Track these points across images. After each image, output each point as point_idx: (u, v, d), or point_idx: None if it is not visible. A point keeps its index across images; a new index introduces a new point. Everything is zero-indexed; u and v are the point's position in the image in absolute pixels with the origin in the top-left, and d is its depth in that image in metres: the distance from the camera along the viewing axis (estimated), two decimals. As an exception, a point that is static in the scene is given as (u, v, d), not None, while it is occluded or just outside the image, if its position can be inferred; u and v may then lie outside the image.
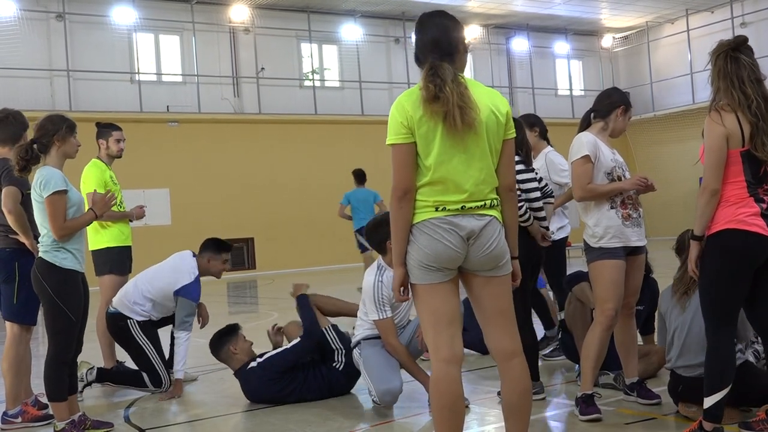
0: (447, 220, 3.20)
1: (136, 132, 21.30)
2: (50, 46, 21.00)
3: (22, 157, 4.66)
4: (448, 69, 3.22)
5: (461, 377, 3.27)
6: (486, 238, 3.23)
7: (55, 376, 4.66)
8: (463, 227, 3.20)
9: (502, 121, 3.29)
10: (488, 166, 3.25)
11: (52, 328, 4.68)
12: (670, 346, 4.59)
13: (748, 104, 3.76)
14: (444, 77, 3.17)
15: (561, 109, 29.02)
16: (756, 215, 3.76)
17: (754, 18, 26.09)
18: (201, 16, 23.00)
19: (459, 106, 3.13)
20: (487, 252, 3.24)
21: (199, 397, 6.02)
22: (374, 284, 5.24)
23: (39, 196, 4.63)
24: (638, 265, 4.79)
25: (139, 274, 6.36)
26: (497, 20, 27.38)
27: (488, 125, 3.24)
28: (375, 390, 5.07)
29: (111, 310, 6.21)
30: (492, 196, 3.28)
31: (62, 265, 4.64)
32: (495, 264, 3.28)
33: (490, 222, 3.24)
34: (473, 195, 3.21)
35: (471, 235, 3.21)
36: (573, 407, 4.69)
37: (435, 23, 3.40)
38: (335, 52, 25.50)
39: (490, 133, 3.24)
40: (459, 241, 3.20)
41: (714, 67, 3.88)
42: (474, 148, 3.21)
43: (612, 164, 4.69)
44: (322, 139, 23.78)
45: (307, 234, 23.27)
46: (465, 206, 3.20)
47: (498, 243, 3.26)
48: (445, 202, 3.20)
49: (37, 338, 9.00)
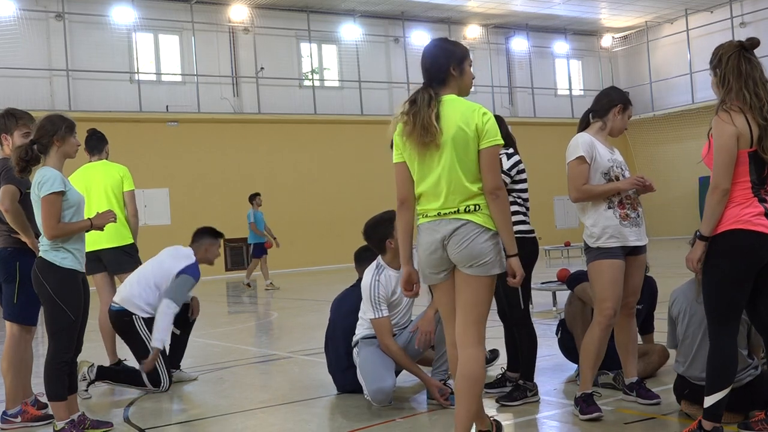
0: (429, 225, 3.70)
1: (136, 132, 21.39)
2: (50, 46, 21.00)
3: (22, 158, 4.65)
4: (424, 96, 3.65)
5: None
6: (460, 236, 3.61)
7: (55, 376, 4.66)
8: (439, 231, 3.66)
9: (471, 135, 3.61)
10: (456, 178, 3.62)
11: (51, 328, 4.68)
12: (680, 350, 4.57)
13: (760, 106, 3.76)
14: (418, 104, 3.63)
15: (560, 109, 29.05)
16: (761, 215, 3.76)
17: (754, 18, 26.10)
18: (200, 15, 23.00)
19: (422, 126, 3.58)
20: (462, 248, 3.61)
21: (199, 397, 6.02)
22: (371, 283, 5.24)
23: (36, 195, 4.64)
24: (638, 265, 4.78)
25: (138, 270, 6.42)
26: (497, 20, 27.39)
27: (456, 142, 3.60)
28: (367, 389, 5.09)
29: (115, 307, 6.26)
30: (467, 203, 3.62)
31: (62, 265, 4.64)
32: (471, 262, 3.61)
33: (464, 224, 3.62)
34: (445, 204, 3.64)
35: (445, 237, 3.64)
36: (573, 407, 4.68)
37: (429, 51, 3.82)
38: (335, 51, 25.51)
39: (458, 148, 3.61)
40: (437, 242, 3.65)
41: (725, 66, 3.84)
42: (443, 164, 3.62)
43: (609, 164, 4.69)
44: (322, 139, 23.79)
45: (307, 233, 23.27)
46: (440, 212, 3.66)
47: (473, 242, 3.60)
48: (427, 209, 3.70)
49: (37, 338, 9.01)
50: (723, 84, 3.86)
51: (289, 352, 7.87)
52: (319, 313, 11.96)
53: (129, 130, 20.99)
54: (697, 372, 4.37)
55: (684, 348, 4.53)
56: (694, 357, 4.45)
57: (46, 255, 4.66)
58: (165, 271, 6.27)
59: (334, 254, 22.91)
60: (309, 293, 15.61)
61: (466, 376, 3.64)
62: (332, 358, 5.74)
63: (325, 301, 6.17)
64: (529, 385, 5.07)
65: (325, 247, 23.18)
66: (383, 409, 5.08)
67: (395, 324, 5.33)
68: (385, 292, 5.22)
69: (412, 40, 26.30)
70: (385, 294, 5.21)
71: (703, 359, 4.24)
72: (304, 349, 7.99)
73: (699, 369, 4.33)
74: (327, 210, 23.61)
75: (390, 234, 5.24)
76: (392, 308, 5.29)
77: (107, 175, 6.78)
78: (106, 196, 6.70)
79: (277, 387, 6.18)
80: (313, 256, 23.23)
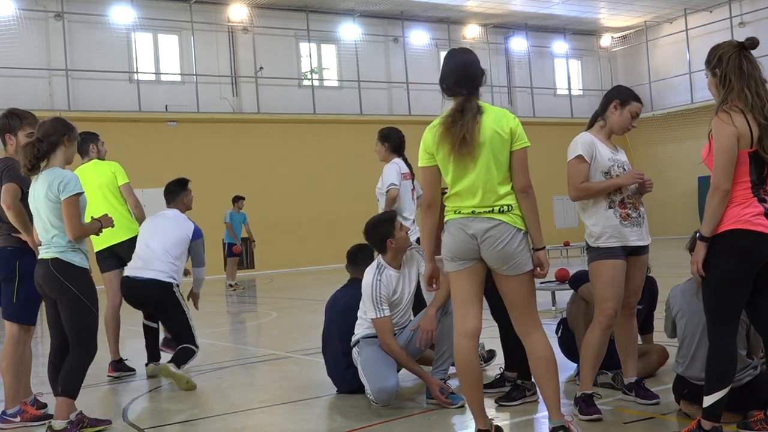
0: (459, 221, 3.91)
1: (135, 131, 21.39)
2: (49, 46, 21.00)
3: (35, 155, 4.70)
4: (473, 107, 3.88)
5: (474, 347, 3.94)
6: (494, 238, 3.85)
7: (80, 373, 4.75)
8: (471, 227, 3.87)
9: (506, 138, 3.90)
10: (492, 178, 3.87)
11: (77, 326, 4.75)
12: (679, 351, 4.58)
13: (761, 106, 3.76)
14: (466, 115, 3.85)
15: (559, 109, 29.05)
16: (760, 215, 3.76)
17: (753, 17, 26.11)
18: (200, 15, 23.00)
19: (463, 137, 3.81)
20: (496, 250, 3.85)
21: (198, 396, 6.02)
22: (372, 283, 5.24)
23: (56, 197, 4.67)
24: (640, 265, 4.76)
25: (146, 242, 6.66)
26: (496, 20, 27.39)
27: (492, 144, 3.86)
28: (370, 388, 5.07)
29: (142, 278, 6.50)
30: (501, 203, 3.87)
31: (81, 265, 4.76)
32: (506, 263, 3.88)
33: (498, 225, 3.85)
34: (481, 203, 3.87)
35: (477, 234, 3.86)
36: (572, 407, 4.68)
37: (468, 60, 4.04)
38: (334, 51, 25.51)
39: (495, 150, 3.87)
40: (467, 238, 3.88)
41: (726, 66, 3.83)
42: (479, 167, 3.86)
43: (610, 164, 4.67)
44: (321, 139, 23.79)
45: (306, 233, 23.28)
46: (475, 211, 3.88)
47: (507, 244, 3.85)
48: (461, 207, 3.92)
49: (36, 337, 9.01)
50: (724, 84, 3.84)
51: (288, 352, 7.87)
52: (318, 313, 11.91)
53: (128, 130, 21.00)
54: (696, 372, 4.37)
55: (683, 348, 4.53)
56: (692, 357, 4.45)
57: (63, 256, 4.72)
58: (177, 240, 6.68)
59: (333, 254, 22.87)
60: (308, 293, 15.60)
61: (542, 357, 3.92)
62: (330, 359, 5.74)
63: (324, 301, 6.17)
64: (528, 385, 5.07)
65: (324, 247, 23.18)
66: (383, 409, 5.08)
67: (395, 323, 5.32)
68: (387, 292, 5.22)
69: (412, 40, 26.32)
70: (387, 293, 5.21)
71: (702, 359, 4.24)
72: (303, 349, 7.99)
73: (698, 369, 4.33)
74: (326, 209, 23.61)
75: (391, 234, 5.25)
76: (392, 308, 5.29)
77: (99, 174, 6.90)
78: (102, 195, 6.79)
79: (276, 387, 6.18)
80: (311, 256, 23.23)
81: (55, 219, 4.70)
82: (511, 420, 4.75)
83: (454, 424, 4.78)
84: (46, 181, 4.68)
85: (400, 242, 5.28)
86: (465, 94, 3.91)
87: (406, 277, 5.37)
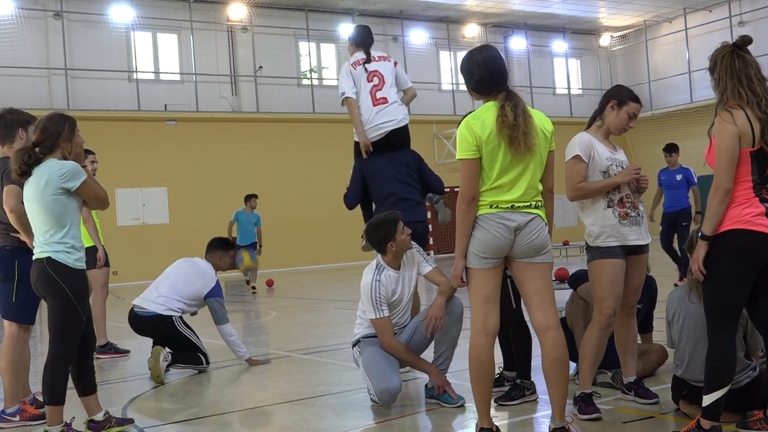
0: (499, 215, 3.92)
1: (134, 131, 21.39)
2: (48, 45, 20.98)
3: (25, 162, 4.56)
4: (520, 100, 3.98)
5: (492, 345, 3.97)
6: (530, 229, 3.96)
7: (62, 377, 4.54)
8: (513, 221, 3.93)
9: (549, 137, 4.09)
10: (536, 175, 4.01)
11: (63, 330, 4.56)
12: (676, 353, 4.57)
13: (757, 101, 3.77)
14: (519, 106, 3.94)
15: (559, 108, 29.03)
16: (762, 215, 3.77)
17: (752, 17, 26.11)
18: (199, 14, 22.99)
19: (524, 133, 3.88)
20: (530, 241, 3.97)
21: (197, 396, 6.02)
22: (372, 283, 5.23)
23: (62, 188, 4.52)
24: (640, 265, 4.77)
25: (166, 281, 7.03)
26: (495, 19, 27.39)
27: (540, 142, 4.01)
28: (374, 389, 5.06)
29: (146, 313, 6.87)
30: (537, 198, 4.01)
31: (76, 267, 4.59)
32: (536, 252, 4.00)
33: (534, 218, 3.98)
34: (522, 197, 3.95)
35: (518, 228, 3.94)
36: (571, 406, 4.68)
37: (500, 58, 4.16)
38: (333, 50, 25.49)
39: (541, 149, 4.02)
40: (507, 232, 3.93)
41: (720, 66, 3.86)
42: (528, 163, 3.96)
43: (608, 163, 4.68)
44: (320, 138, 23.77)
45: (306, 232, 23.27)
46: (514, 205, 3.94)
47: (540, 235, 3.99)
48: (498, 201, 3.93)
49: (35, 336, 9.01)
50: (718, 84, 3.88)
51: (288, 351, 7.87)
52: (318, 312, 11.96)
53: (127, 129, 20.99)
54: (695, 374, 4.36)
55: (680, 350, 4.54)
56: (690, 359, 4.44)
57: (57, 257, 4.54)
58: (195, 290, 6.99)
59: (332, 253, 22.92)
60: (308, 292, 15.60)
61: (557, 358, 3.97)
62: None
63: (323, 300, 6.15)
64: (527, 384, 5.08)
65: (324, 246, 23.18)
66: (382, 409, 5.08)
67: (395, 324, 5.31)
68: (386, 292, 5.21)
69: (411, 39, 26.30)
70: (386, 294, 5.21)
71: (699, 361, 4.24)
72: (302, 348, 7.99)
73: (697, 371, 4.32)
74: (325, 209, 23.58)
75: (392, 236, 5.23)
76: (392, 308, 5.28)
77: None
78: None
79: (276, 386, 6.18)
80: (311, 255, 23.23)
81: (50, 215, 4.55)
82: (510, 420, 4.75)
83: (454, 424, 4.78)
84: (45, 174, 4.53)
85: (400, 245, 5.26)
86: (503, 90, 3.99)
87: (405, 277, 5.37)
